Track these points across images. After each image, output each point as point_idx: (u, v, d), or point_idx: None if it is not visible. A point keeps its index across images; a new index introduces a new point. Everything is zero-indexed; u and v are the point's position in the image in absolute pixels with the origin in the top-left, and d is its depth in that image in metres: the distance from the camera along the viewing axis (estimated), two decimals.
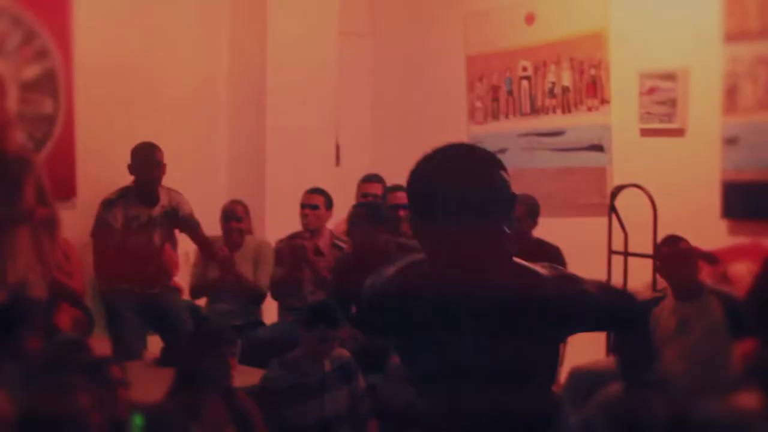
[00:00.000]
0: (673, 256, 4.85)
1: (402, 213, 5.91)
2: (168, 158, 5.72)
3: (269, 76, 7.10)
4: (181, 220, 5.79)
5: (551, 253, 5.60)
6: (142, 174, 5.66)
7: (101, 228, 5.64)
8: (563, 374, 5.60)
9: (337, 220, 6.43)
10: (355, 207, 5.76)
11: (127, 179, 5.71)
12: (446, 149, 2.34)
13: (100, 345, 4.76)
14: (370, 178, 6.64)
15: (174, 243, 6.18)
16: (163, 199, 5.73)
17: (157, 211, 5.71)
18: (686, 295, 4.84)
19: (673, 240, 4.90)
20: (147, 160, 5.66)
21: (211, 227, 6.15)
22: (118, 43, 6.57)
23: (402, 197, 5.99)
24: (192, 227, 5.86)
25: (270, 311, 6.34)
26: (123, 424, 3.57)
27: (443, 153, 2.32)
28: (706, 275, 5.22)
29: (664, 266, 4.92)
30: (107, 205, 5.65)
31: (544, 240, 5.77)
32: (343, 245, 6.07)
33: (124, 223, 5.61)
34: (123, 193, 5.69)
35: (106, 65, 6.45)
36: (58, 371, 3.58)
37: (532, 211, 5.75)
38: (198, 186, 6.50)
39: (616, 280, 6.01)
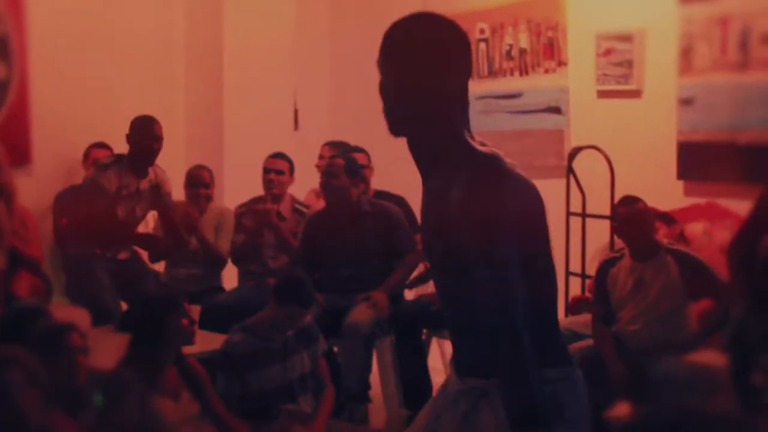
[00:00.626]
0: (629, 216, 4.89)
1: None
2: (124, 123, 5.67)
3: (226, 40, 7.05)
4: (161, 196, 5.77)
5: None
6: (141, 144, 5.61)
7: (92, 189, 5.57)
8: None
9: (297, 184, 6.43)
10: (333, 158, 5.73)
11: (83, 145, 5.67)
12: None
13: (60, 311, 4.72)
14: (332, 144, 6.63)
15: None
16: (151, 174, 5.71)
17: (144, 184, 5.69)
18: (643, 255, 4.88)
19: (630, 200, 4.94)
20: (149, 132, 5.62)
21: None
22: (71, 7, 6.49)
23: (362, 158, 5.99)
24: (169, 207, 5.84)
25: (230, 277, 6.33)
26: (83, 391, 3.56)
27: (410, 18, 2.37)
28: (662, 235, 5.27)
29: (621, 226, 4.96)
30: (102, 167, 5.59)
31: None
32: (304, 210, 6.06)
33: (115, 189, 5.58)
34: (117, 160, 5.65)
35: (59, 30, 6.37)
36: (14, 339, 3.55)
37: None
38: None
39: (575, 241, 6.07)
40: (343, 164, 5.60)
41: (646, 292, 4.84)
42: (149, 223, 6.41)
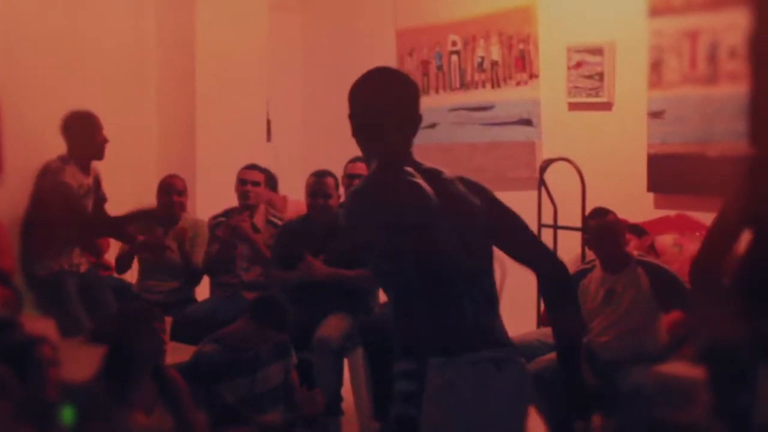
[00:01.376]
0: (600, 228, 4.92)
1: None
2: None
3: (198, 51, 7.04)
4: (100, 189, 5.74)
5: None
6: (87, 140, 5.56)
7: (58, 190, 5.50)
8: None
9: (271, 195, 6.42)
10: (322, 177, 5.72)
11: (55, 153, 5.61)
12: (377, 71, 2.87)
13: (31, 323, 4.70)
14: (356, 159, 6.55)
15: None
16: (92, 169, 5.68)
17: (90, 180, 5.65)
18: (613, 267, 4.91)
19: (601, 212, 4.97)
20: (93, 127, 5.58)
21: (141, 202, 6.07)
22: (42, 15, 6.45)
23: (360, 167, 5.99)
24: (103, 200, 5.80)
25: (201, 289, 6.31)
26: (53, 404, 3.54)
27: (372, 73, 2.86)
28: (633, 247, 5.30)
29: (592, 238, 4.99)
30: (58, 169, 5.52)
31: None
32: (277, 221, 6.05)
33: (77, 188, 5.54)
34: (66, 160, 5.60)
35: (29, 36, 6.31)
36: None
37: None
38: (127, 161, 6.43)
39: None
40: (334, 183, 5.66)
41: (617, 304, 4.87)
42: None
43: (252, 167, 6.08)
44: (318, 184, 5.66)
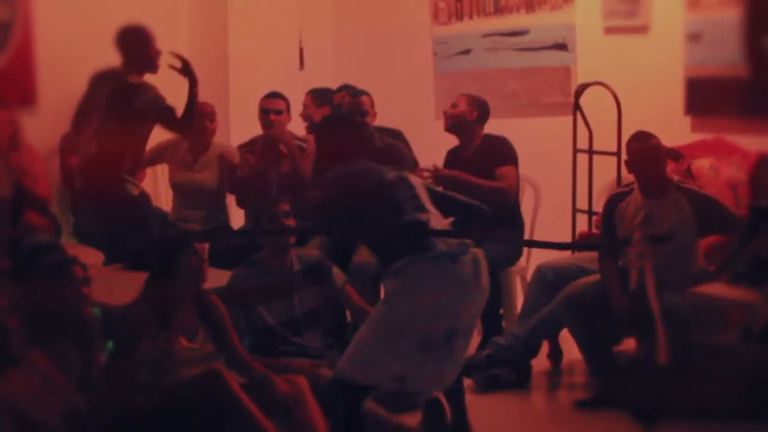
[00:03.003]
0: (642, 152, 4.84)
1: (365, 119, 5.87)
2: None
3: None
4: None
5: (501, 143, 5.66)
6: (142, 52, 5.44)
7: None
8: (530, 271, 5.70)
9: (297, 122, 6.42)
10: (356, 95, 5.76)
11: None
12: None
13: (73, 250, 4.76)
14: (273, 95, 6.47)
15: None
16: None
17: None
18: (653, 192, 4.86)
19: (643, 136, 4.88)
20: (147, 40, 5.43)
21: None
22: None
23: (365, 102, 5.96)
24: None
25: (237, 217, 6.35)
26: (86, 318, 3.61)
27: None
28: (670, 171, 5.26)
29: (633, 162, 4.90)
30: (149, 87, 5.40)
31: (491, 134, 5.76)
32: (303, 146, 6.04)
33: None
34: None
35: None
36: (27, 272, 3.61)
37: (481, 114, 5.73)
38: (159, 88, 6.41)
39: (581, 178, 6.07)
40: (370, 101, 5.67)
41: (657, 229, 4.82)
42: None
43: (273, 96, 6.05)
44: (353, 103, 5.64)
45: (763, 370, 3.92)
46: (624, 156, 5.10)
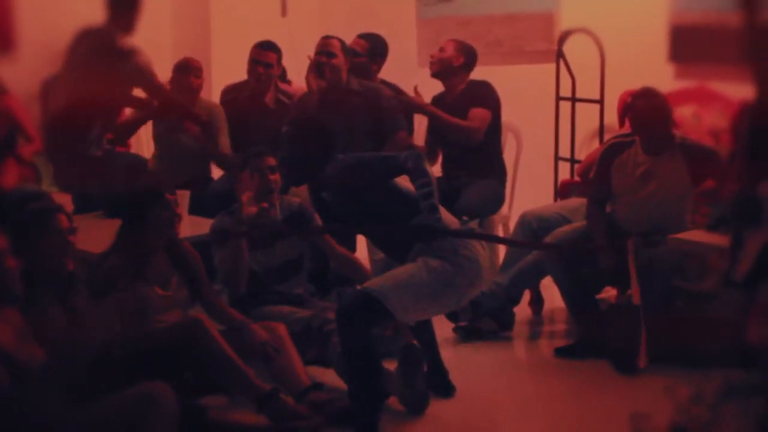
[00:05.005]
0: (649, 110, 4.77)
1: (357, 60, 5.83)
2: None
3: None
4: None
5: (481, 87, 5.65)
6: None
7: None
8: (512, 219, 5.70)
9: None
10: (327, 38, 5.64)
11: (69, 29, 5.54)
12: None
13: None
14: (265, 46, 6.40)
15: None
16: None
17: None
18: (656, 149, 4.82)
19: (650, 93, 4.80)
20: None
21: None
22: None
23: (357, 43, 5.93)
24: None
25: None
26: (69, 267, 3.60)
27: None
28: None
29: (639, 120, 4.83)
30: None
31: (475, 80, 5.74)
32: (287, 100, 6.01)
33: None
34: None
35: None
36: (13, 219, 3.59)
37: (468, 60, 5.70)
38: (139, 39, 6.34)
39: (564, 126, 6.06)
40: (340, 44, 5.56)
41: (654, 186, 4.80)
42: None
43: (266, 47, 5.97)
44: (324, 45, 5.60)
45: (743, 315, 3.93)
46: (610, 106, 5.07)
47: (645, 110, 4.79)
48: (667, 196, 4.81)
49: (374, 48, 5.94)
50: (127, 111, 6.14)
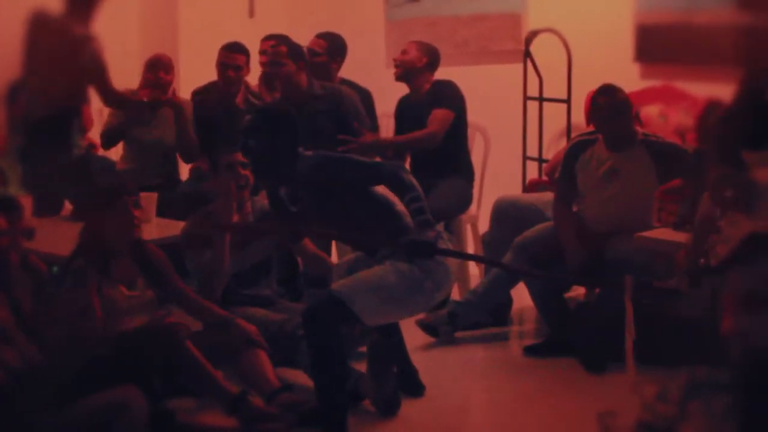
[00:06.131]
0: (610, 107, 4.80)
1: (316, 60, 5.82)
2: None
3: None
4: None
5: (444, 87, 5.65)
6: None
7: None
8: (481, 219, 5.73)
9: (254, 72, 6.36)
10: (275, 46, 5.64)
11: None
12: None
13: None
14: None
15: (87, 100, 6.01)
16: None
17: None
18: (619, 146, 4.84)
19: (611, 90, 4.83)
20: None
21: (125, 81, 5.99)
22: None
23: (316, 43, 5.92)
24: None
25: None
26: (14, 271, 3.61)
27: None
28: None
29: (600, 117, 4.86)
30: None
31: (440, 80, 5.75)
32: (256, 102, 6.00)
33: None
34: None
35: None
36: None
37: (431, 61, 5.72)
38: (108, 40, 6.31)
39: (532, 125, 6.09)
40: (286, 51, 5.54)
41: (618, 182, 4.83)
42: (103, 113, 6.35)
43: (234, 50, 5.95)
44: (272, 54, 5.59)
45: (705, 313, 3.97)
46: (577, 106, 5.10)
47: (606, 106, 4.83)
48: (632, 194, 4.85)
49: (333, 47, 5.93)
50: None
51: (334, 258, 5.26)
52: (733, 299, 2.80)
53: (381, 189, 4.07)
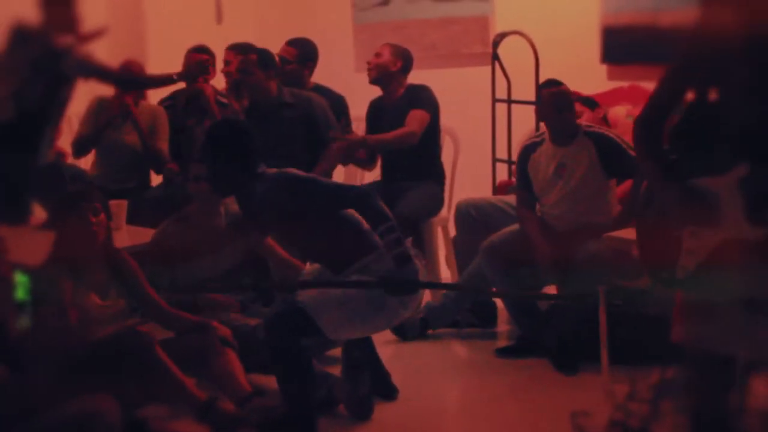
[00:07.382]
0: (551, 97, 4.89)
1: (288, 68, 5.84)
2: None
3: None
4: None
5: (419, 90, 5.67)
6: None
7: None
8: (451, 221, 5.75)
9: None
10: (246, 55, 5.64)
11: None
12: None
13: None
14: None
15: None
16: None
17: None
18: (563, 140, 4.90)
19: (552, 83, 4.94)
20: None
21: (93, 89, 5.98)
22: None
23: (286, 51, 5.93)
24: None
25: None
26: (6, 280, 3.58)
27: None
28: (586, 119, 5.33)
29: (543, 108, 4.95)
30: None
31: (414, 84, 5.77)
32: (226, 101, 5.99)
33: None
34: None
35: None
36: None
37: (405, 64, 5.73)
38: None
39: (501, 127, 6.11)
40: (256, 59, 5.54)
41: (568, 177, 4.89)
42: (73, 121, 6.32)
43: (199, 51, 5.97)
44: (241, 62, 5.61)
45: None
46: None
47: (546, 97, 4.91)
48: (581, 186, 4.88)
49: (303, 53, 5.94)
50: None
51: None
52: (683, 307, 2.81)
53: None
